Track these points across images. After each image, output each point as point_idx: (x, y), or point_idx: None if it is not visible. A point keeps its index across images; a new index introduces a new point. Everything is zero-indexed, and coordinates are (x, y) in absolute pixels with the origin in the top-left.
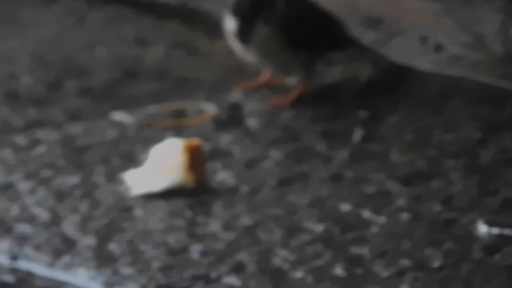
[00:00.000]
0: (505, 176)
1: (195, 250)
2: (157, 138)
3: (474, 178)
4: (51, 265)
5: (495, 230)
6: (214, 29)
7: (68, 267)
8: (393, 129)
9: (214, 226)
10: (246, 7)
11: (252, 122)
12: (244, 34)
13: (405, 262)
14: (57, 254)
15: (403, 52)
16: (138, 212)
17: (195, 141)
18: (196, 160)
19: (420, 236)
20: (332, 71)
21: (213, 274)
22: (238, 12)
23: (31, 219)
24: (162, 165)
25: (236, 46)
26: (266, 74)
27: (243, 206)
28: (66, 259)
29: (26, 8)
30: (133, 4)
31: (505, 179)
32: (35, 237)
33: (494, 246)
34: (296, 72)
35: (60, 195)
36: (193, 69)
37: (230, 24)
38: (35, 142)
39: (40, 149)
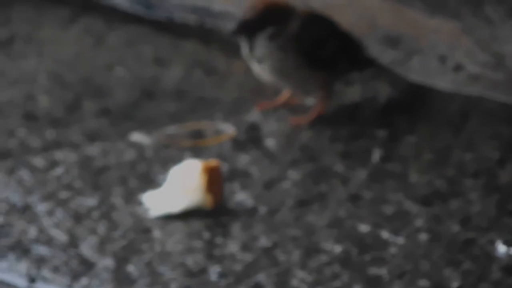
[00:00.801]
0: None
1: (214, 272)
2: (176, 159)
3: (493, 198)
4: (69, 287)
5: None
6: (232, 48)
7: None
8: (411, 149)
9: (232, 247)
10: (248, 23)
11: (270, 143)
12: (250, 50)
13: (423, 283)
14: (75, 276)
15: (422, 71)
16: (156, 233)
17: (213, 162)
18: (214, 181)
19: (438, 257)
20: (351, 91)
21: None
22: (241, 29)
23: (49, 241)
24: (181, 186)
25: (253, 65)
26: (285, 94)
27: (261, 227)
28: (84, 281)
29: (45, 28)
30: (151, 24)
31: None
32: (53, 259)
33: None
34: (315, 92)
35: (78, 217)
36: (212, 89)
37: (243, 43)
38: (53, 164)
39: (58, 171)
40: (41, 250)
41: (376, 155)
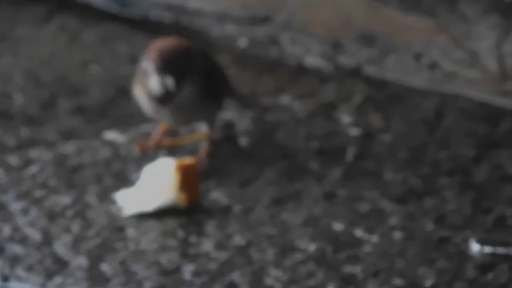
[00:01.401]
0: (498, 194)
1: (188, 270)
2: (150, 158)
3: (468, 196)
4: (43, 286)
5: (488, 249)
6: (206, 46)
7: (60, 287)
8: (386, 147)
9: (206, 245)
10: (176, 66)
11: (245, 141)
12: (170, 95)
13: (398, 282)
14: (49, 275)
15: (397, 69)
16: (130, 232)
17: (189, 160)
18: (189, 179)
19: (413, 255)
20: (326, 89)
21: None
22: (168, 71)
23: (23, 240)
24: (154, 184)
25: (148, 104)
26: (161, 126)
27: (236, 225)
28: (58, 279)
29: (20, 26)
30: (126, 22)
31: (498, 197)
32: (27, 258)
33: (487, 265)
34: (202, 121)
35: (52, 215)
36: None
37: (153, 82)
38: (28, 162)
39: (33, 169)
40: (15, 248)
41: (351, 153)
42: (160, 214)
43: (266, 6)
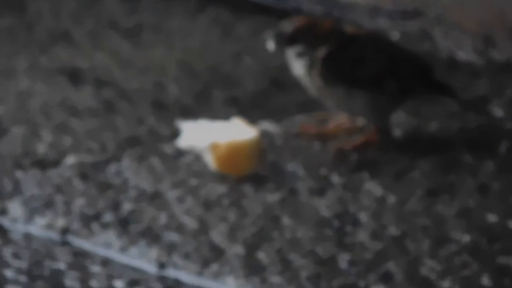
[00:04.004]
0: None
1: (344, 260)
2: (305, 148)
3: None
4: (199, 273)
5: None
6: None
7: (216, 275)
8: None
9: (362, 235)
10: (282, 36)
11: (399, 133)
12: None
13: None
14: (205, 262)
15: None
16: (286, 221)
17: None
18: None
19: None
20: (478, 84)
21: (361, 284)
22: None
23: (179, 228)
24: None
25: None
26: (338, 120)
27: (390, 216)
28: (214, 267)
29: (173, 18)
30: (279, 14)
31: None
32: (183, 246)
33: None
34: (362, 114)
35: (208, 204)
36: None
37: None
38: (183, 151)
39: (188, 158)
40: (172, 236)
41: (504, 146)
42: (314, 202)
43: (417, 1)
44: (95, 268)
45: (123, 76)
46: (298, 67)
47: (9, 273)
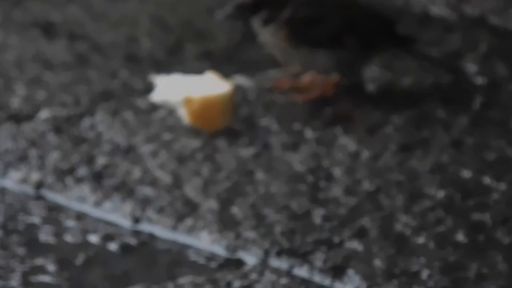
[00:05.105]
0: None
1: (318, 215)
2: (279, 102)
3: None
4: (174, 228)
5: None
6: None
7: (191, 230)
8: None
9: (336, 191)
10: (243, 6)
11: (371, 87)
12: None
13: None
14: (180, 217)
15: None
16: (260, 175)
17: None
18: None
19: None
20: (451, 39)
21: (336, 239)
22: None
23: (153, 182)
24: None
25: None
26: (289, 70)
27: (364, 171)
28: (189, 222)
29: None
30: None
31: None
32: (157, 200)
33: None
34: (330, 73)
35: (181, 158)
36: None
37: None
38: (156, 106)
39: (161, 113)
40: (146, 190)
41: (477, 102)
42: (288, 157)
43: None
44: (70, 223)
45: (96, 29)
46: (264, 33)
47: None
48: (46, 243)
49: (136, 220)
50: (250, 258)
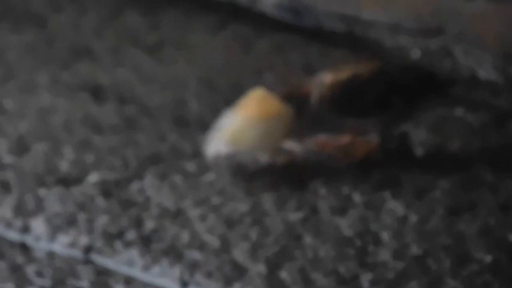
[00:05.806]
0: None
1: (366, 279)
2: (326, 166)
3: None
4: None
5: None
6: (381, 57)
7: None
8: None
9: (383, 255)
10: None
11: (420, 151)
12: None
13: None
14: (228, 281)
15: None
16: (308, 240)
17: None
18: None
19: None
20: (500, 101)
21: None
22: None
23: (201, 246)
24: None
25: None
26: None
27: (412, 235)
28: (237, 286)
29: (194, 33)
30: (300, 32)
31: None
32: (205, 264)
33: None
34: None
35: (230, 222)
36: None
37: None
38: (205, 169)
39: (210, 176)
40: (194, 254)
41: None
42: (336, 221)
43: (438, 18)
44: (118, 287)
45: (145, 92)
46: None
47: None
48: None
49: (185, 284)
50: None
